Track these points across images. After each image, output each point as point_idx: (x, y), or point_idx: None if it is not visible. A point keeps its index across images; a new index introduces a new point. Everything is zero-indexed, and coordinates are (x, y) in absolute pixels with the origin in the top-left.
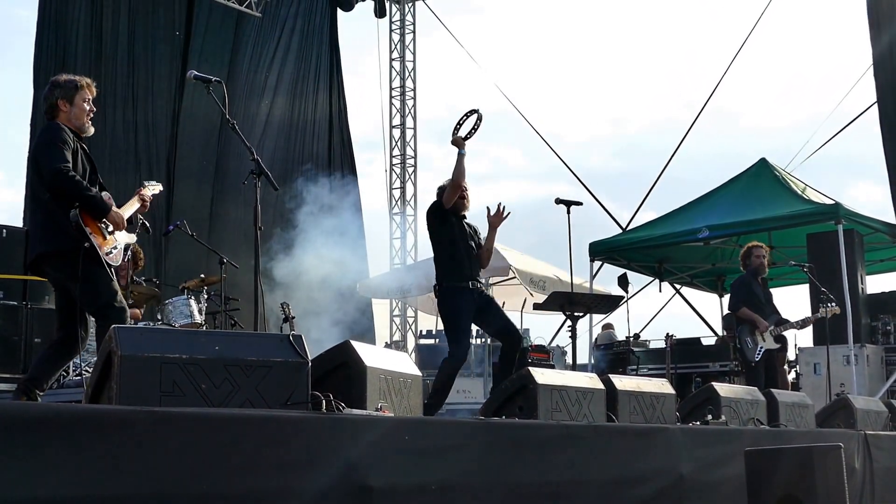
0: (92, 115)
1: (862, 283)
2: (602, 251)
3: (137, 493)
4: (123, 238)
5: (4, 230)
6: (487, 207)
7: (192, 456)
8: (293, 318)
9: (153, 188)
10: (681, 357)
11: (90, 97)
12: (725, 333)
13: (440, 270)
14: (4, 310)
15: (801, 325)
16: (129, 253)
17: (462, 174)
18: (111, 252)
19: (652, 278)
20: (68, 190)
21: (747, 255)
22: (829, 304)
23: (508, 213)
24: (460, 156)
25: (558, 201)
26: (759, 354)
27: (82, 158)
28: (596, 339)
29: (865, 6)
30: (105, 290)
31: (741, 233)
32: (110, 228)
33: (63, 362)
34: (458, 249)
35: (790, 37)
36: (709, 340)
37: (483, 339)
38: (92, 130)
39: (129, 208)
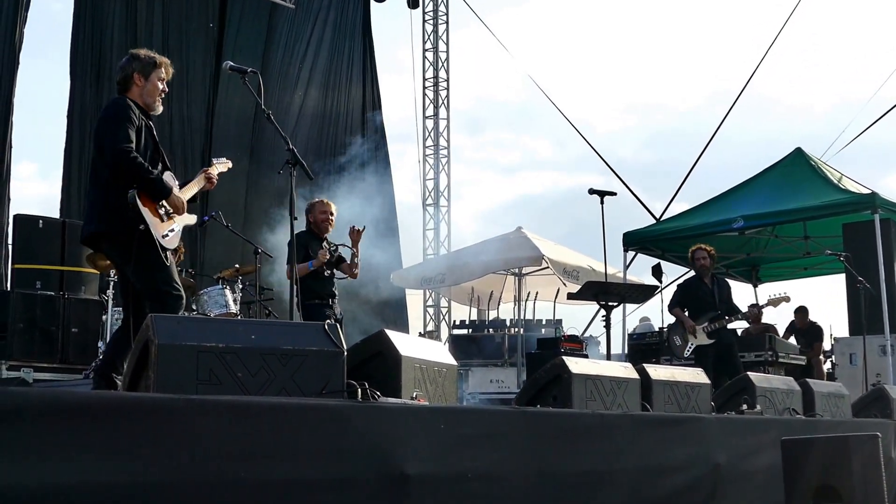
0: (163, 95)
1: None
2: (636, 241)
3: (174, 480)
4: (183, 220)
5: (41, 221)
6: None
7: (229, 443)
8: None
9: (221, 165)
10: None
11: (166, 77)
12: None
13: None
14: (42, 300)
15: (746, 315)
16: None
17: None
18: (168, 235)
19: (686, 268)
20: (130, 171)
21: (691, 258)
22: (778, 294)
23: (363, 229)
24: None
25: (592, 191)
26: (688, 351)
27: (146, 136)
28: (634, 328)
29: None
30: (159, 274)
31: (776, 223)
32: (169, 210)
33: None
34: (320, 271)
35: (825, 24)
36: (753, 329)
37: (517, 330)
38: (160, 109)
39: (192, 188)
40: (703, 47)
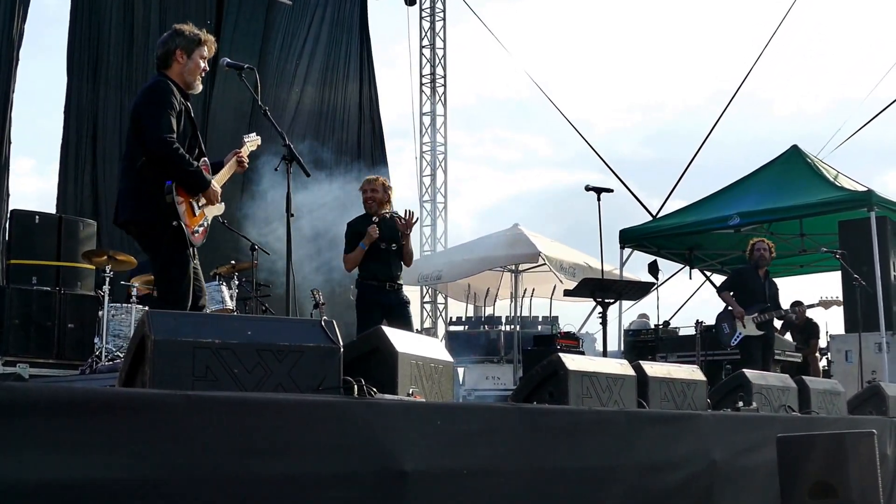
0: (203, 75)
1: (894, 271)
2: (632, 238)
3: (170, 476)
4: (213, 211)
5: (37, 216)
6: (397, 218)
7: (225, 440)
8: (323, 304)
9: (251, 144)
10: (711, 344)
11: (208, 55)
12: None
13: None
14: (38, 295)
15: (793, 315)
16: None
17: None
18: (197, 231)
19: (682, 265)
20: (170, 163)
21: (750, 249)
22: (830, 296)
23: (416, 220)
24: (360, 249)
25: (588, 188)
26: (736, 339)
27: (185, 121)
28: (630, 324)
29: None
30: (177, 274)
31: (772, 220)
32: (202, 202)
33: None
34: (376, 251)
35: (822, 23)
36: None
37: (513, 327)
38: (200, 88)
39: (225, 175)
40: (703, 46)
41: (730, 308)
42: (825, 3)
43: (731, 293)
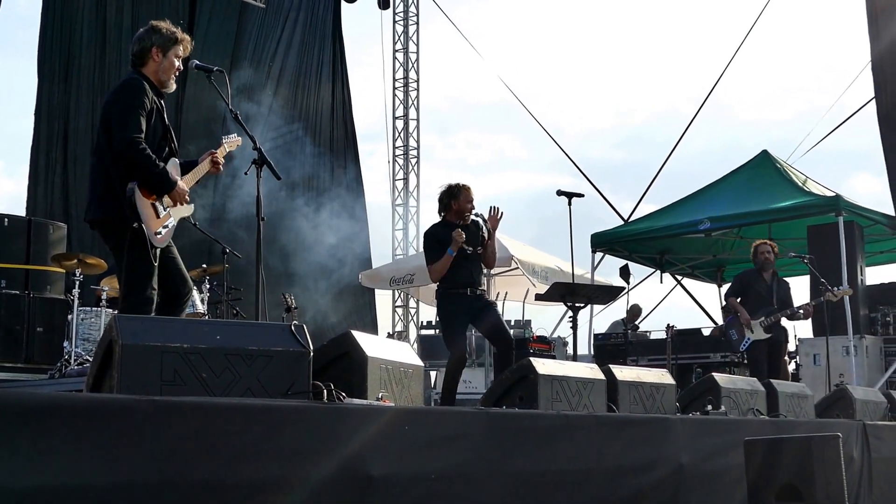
0: (177, 74)
1: (861, 275)
2: (604, 242)
3: (138, 481)
4: (179, 212)
5: (6, 219)
6: (481, 218)
7: (193, 445)
8: (295, 308)
9: (230, 145)
10: (681, 347)
11: (183, 55)
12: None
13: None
14: (7, 299)
15: (801, 313)
16: None
17: (445, 268)
18: (160, 233)
19: (653, 269)
20: (135, 164)
21: (754, 253)
22: (836, 288)
23: (502, 214)
24: (448, 255)
25: (560, 193)
26: (745, 345)
27: (157, 120)
28: (610, 326)
29: (864, 1)
30: (138, 278)
31: (742, 224)
32: (167, 204)
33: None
34: (457, 257)
35: (792, 30)
36: (709, 331)
37: None
38: (174, 87)
39: (196, 176)
40: (673, 51)
41: (738, 314)
42: (794, 11)
43: (738, 298)
